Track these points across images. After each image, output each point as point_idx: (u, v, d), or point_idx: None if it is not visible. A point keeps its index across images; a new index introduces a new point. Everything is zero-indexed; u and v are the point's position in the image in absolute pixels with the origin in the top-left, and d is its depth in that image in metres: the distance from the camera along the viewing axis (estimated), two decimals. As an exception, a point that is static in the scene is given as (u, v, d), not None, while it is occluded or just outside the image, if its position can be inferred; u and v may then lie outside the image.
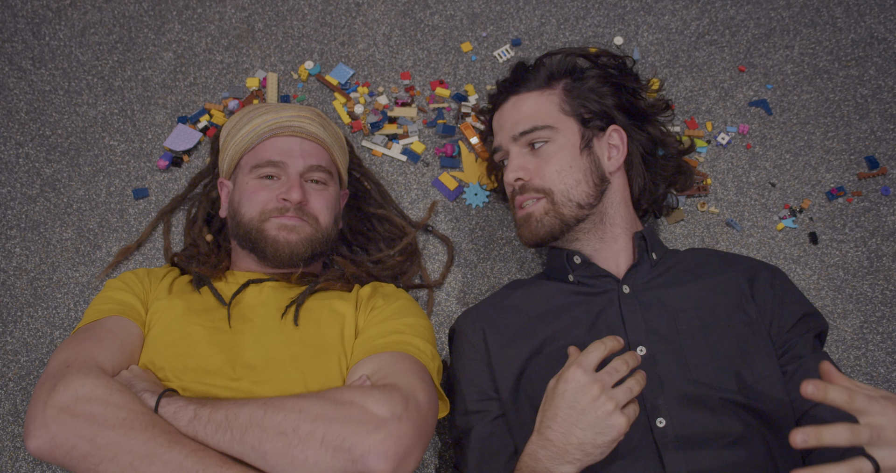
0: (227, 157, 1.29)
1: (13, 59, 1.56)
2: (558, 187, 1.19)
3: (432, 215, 1.47)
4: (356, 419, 0.94)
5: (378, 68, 1.57)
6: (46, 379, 1.00)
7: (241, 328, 1.14)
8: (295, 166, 1.22)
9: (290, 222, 1.19)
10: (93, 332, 1.08)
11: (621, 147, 1.24)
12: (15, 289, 1.42)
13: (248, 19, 1.60)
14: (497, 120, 1.29)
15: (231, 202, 1.27)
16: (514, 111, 1.25)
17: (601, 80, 1.26)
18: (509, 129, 1.24)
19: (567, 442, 0.95)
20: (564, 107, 1.23)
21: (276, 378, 1.08)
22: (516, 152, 1.23)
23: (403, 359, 1.07)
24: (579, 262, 1.21)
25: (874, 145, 1.49)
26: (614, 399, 0.93)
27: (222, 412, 0.96)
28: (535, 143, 1.21)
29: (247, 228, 1.21)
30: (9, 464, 1.33)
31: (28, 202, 1.48)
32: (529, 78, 1.26)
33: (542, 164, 1.20)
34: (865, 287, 1.42)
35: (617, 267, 1.20)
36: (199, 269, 1.24)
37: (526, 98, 1.25)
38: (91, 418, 0.94)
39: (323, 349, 1.12)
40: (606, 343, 0.97)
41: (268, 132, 1.24)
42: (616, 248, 1.21)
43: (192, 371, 1.08)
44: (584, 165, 1.20)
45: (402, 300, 1.21)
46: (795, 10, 1.59)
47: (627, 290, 1.16)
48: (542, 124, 1.21)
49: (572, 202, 1.19)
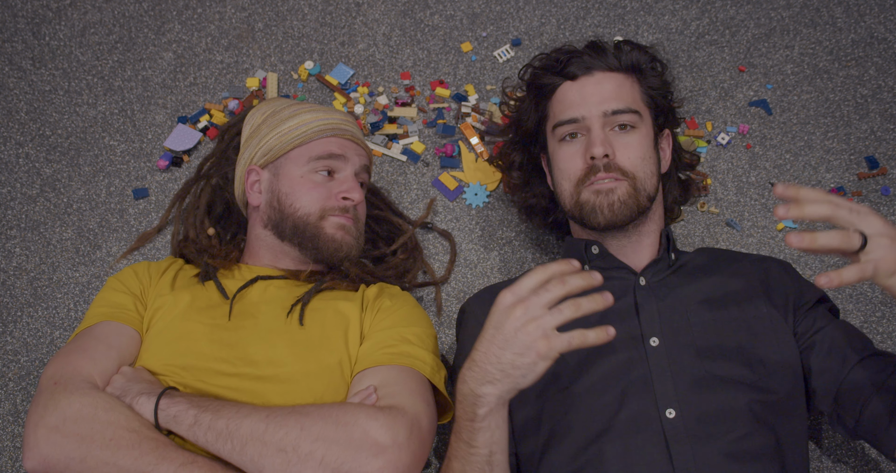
0: (266, 146, 1.25)
1: (13, 59, 1.56)
2: (639, 174, 1.17)
3: (431, 213, 1.47)
4: (357, 443, 0.94)
5: (378, 68, 1.57)
6: (37, 397, 1.01)
7: (243, 324, 1.13)
8: (353, 165, 1.24)
9: (348, 223, 1.22)
10: (81, 342, 1.09)
11: (668, 151, 1.27)
12: (15, 289, 1.42)
13: (248, 19, 1.60)
14: (577, 91, 1.21)
15: (275, 193, 1.24)
16: (599, 87, 1.20)
17: (664, 82, 1.26)
18: (598, 103, 1.18)
19: (487, 361, 0.94)
20: (644, 97, 1.23)
21: (278, 378, 1.08)
22: (601, 128, 1.18)
23: (411, 377, 1.07)
24: (597, 252, 1.20)
25: (874, 145, 1.49)
26: (536, 320, 0.90)
27: (223, 421, 0.96)
28: (626, 125, 1.18)
29: (301, 222, 1.21)
30: (9, 464, 1.33)
31: (28, 202, 1.48)
32: (610, 59, 1.22)
33: (627, 148, 1.17)
34: (865, 287, 1.42)
35: (636, 261, 1.20)
36: (210, 261, 1.23)
37: (613, 77, 1.21)
38: (79, 438, 0.96)
39: (327, 350, 1.12)
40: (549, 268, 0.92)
41: (327, 131, 1.24)
42: (642, 244, 1.21)
43: (193, 369, 1.08)
44: (655, 159, 1.21)
45: (409, 306, 1.21)
46: (795, 10, 1.59)
47: (644, 282, 1.16)
48: (633, 107, 1.19)
49: (645, 192, 1.18)
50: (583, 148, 1.18)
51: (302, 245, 1.22)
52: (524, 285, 0.93)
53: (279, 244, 1.24)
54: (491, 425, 0.97)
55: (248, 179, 1.28)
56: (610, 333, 0.90)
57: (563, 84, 1.22)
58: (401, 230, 1.42)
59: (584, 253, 1.21)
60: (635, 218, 1.17)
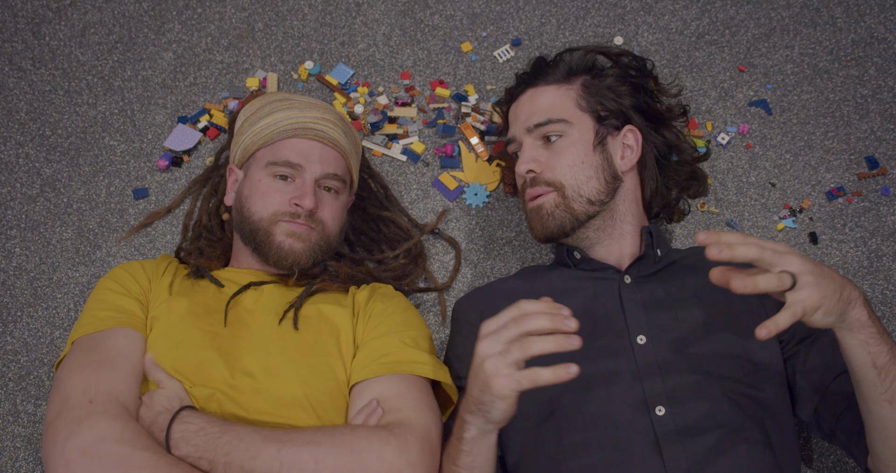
0: (242, 144, 1.26)
1: (13, 59, 1.56)
2: (569, 181, 1.19)
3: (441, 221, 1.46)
4: (373, 470, 0.95)
5: (378, 68, 1.57)
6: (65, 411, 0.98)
7: (239, 333, 1.13)
8: (312, 172, 1.20)
9: (298, 230, 1.19)
10: (103, 353, 1.06)
11: (635, 147, 1.25)
12: (15, 289, 1.42)
13: (248, 19, 1.60)
14: (513, 111, 1.29)
15: (239, 194, 1.24)
16: (530, 103, 1.25)
17: (620, 79, 1.26)
18: (524, 120, 1.24)
19: (470, 393, 0.94)
20: (581, 102, 1.23)
21: (274, 387, 1.07)
22: (529, 144, 1.23)
23: (413, 386, 1.07)
24: (579, 257, 1.22)
25: (874, 145, 1.49)
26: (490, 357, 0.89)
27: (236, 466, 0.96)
28: (550, 136, 1.21)
29: (254, 226, 1.19)
30: (9, 464, 1.33)
31: (28, 202, 1.48)
32: (548, 72, 1.26)
33: (555, 157, 1.20)
34: (865, 287, 1.42)
35: (620, 260, 1.21)
36: (195, 262, 1.23)
37: (543, 91, 1.25)
38: (118, 459, 0.94)
39: (321, 356, 1.11)
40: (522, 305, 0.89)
41: (290, 131, 1.22)
42: (623, 243, 1.22)
43: (192, 377, 1.07)
44: (596, 162, 1.21)
45: (402, 308, 1.20)
46: (795, 10, 1.59)
47: (629, 280, 1.17)
48: (556, 118, 1.21)
49: (583, 197, 1.19)
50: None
51: (257, 251, 1.21)
52: (498, 318, 0.91)
53: (244, 247, 1.24)
54: (474, 450, 0.97)
55: (229, 178, 1.28)
56: (571, 371, 0.86)
57: (510, 107, 1.31)
58: (408, 235, 1.41)
59: (567, 258, 1.23)
60: (574, 225, 1.19)
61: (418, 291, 1.42)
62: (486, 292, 1.27)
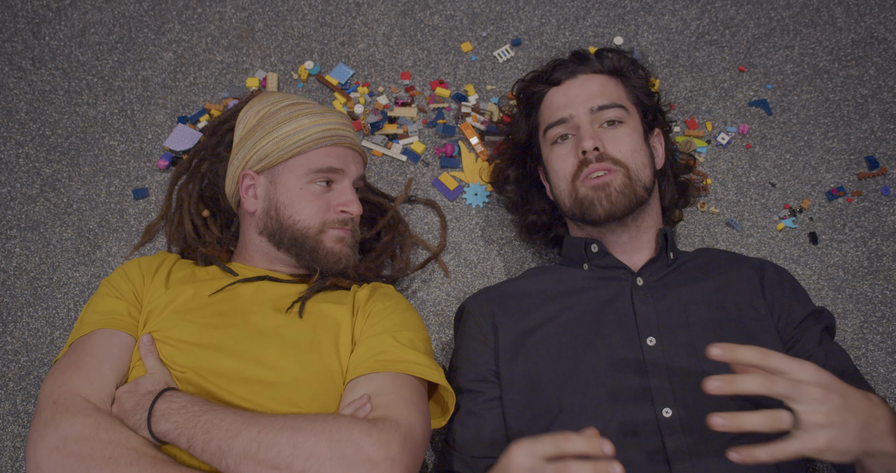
0: (261, 150, 1.24)
1: (13, 59, 1.56)
2: (632, 164, 1.20)
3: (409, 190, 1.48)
4: (350, 460, 0.94)
5: (378, 68, 1.57)
6: (37, 415, 1.03)
7: (234, 322, 1.13)
8: (350, 176, 1.25)
9: (346, 235, 1.23)
10: (76, 357, 1.09)
11: (660, 149, 1.30)
12: (15, 289, 1.42)
13: (248, 19, 1.60)
14: (563, 93, 1.26)
15: (272, 201, 1.23)
16: (584, 87, 1.25)
17: (647, 83, 1.31)
18: (584, 101, 1.23)
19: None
20: (630, 96, 1.27)
21: (268, 380, 1.07)
22: (589, 124, 1.22)
23: (405, 385, 1.07)
24: (597, 250, 1.22)
25: (874, 145, 1.49)
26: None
27: (215, 443, 0.97)
28: (613, 120, 1.22)
29: (300, 234, 1.21)
30: (9, 464, 1.33)
31: (28, 202, 1.48)
32: (594, 62, 1.28)
33: (616, 141, 1.21)
34: (865, 287, 1.42)
35: (634, 261, 1.22)
36: (204, 250, 1.27)
37: (596, 78, 1.26)
38: (80, 457, 0.97)
39: (317, 353, 1.11)
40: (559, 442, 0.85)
41: (326, 140, 1.23)
42: (640, 242, 1.23)
43: (186, 365, 1.08)
44: (647, 152, 1.24)
45: (402, 309, 1.20)
46: (795, 10, 1.59)
47: (641, 282, 1.17)
48: (619, 103, 1.23)
49: (641, 183, 1.20)
50: (574, 146, 1.21)
51: (299, 256, 1.22)
52: (538, 448, 0.86)
53: (274, 252, 1.24)
54: None
55: (242, 182, 1.26)
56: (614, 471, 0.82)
57: (549, 90, 1.28)
58: (381, 209, 1.43)
59: (584, 251, 1.23)
60: (634, 208, 1.19)
61: (419, 267, 1.43)
62: (495, 293, 1.26)
